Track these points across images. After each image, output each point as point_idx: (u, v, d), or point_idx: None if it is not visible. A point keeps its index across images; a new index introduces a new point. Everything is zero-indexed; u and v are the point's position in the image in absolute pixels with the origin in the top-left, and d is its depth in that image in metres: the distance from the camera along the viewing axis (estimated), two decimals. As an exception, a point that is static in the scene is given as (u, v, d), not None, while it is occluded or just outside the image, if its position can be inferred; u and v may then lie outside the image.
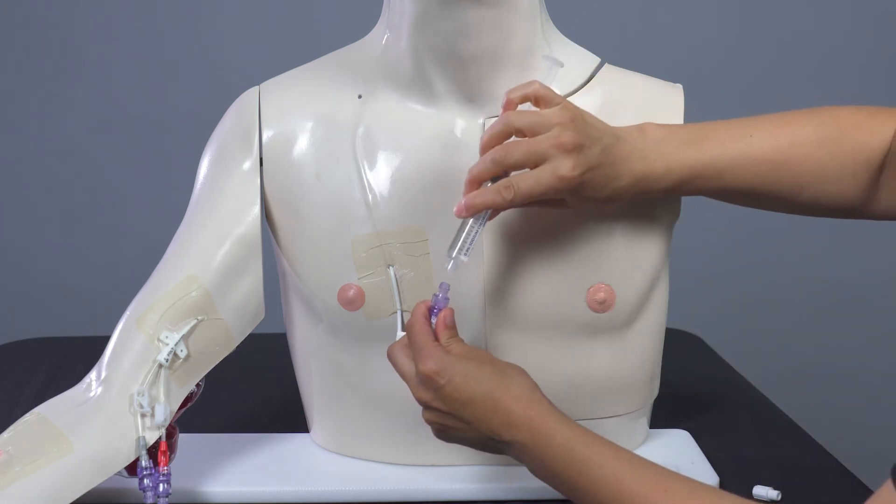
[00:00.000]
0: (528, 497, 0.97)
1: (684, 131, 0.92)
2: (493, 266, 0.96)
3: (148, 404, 0.91)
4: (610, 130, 0.90)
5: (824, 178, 0.91)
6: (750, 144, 0.91)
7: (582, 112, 0.88)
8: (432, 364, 0.84)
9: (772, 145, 0.91)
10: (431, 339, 0.86)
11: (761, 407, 1.23)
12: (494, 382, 0.84)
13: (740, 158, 0.91)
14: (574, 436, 0.81)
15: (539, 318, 0.97)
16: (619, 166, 0.89)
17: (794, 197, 0.93)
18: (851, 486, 0.99)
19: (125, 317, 0.96)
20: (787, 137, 0.91)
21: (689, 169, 0.91)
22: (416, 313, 0.88)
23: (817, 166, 0.91)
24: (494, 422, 0.83)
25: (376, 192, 0.96)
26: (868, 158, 0.90)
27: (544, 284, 0.96)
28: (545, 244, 0.96)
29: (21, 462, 0.88)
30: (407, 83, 0.96)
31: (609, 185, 0.89)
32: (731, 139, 0.91)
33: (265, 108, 0.99)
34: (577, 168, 0.86)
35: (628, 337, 1.00)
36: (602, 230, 0.96)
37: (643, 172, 0.90)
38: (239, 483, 0.98)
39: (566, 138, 0.85)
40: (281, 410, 1.17)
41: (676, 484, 0.77)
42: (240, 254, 0.97)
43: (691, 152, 0.91)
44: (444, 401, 0.84)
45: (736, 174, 0.91)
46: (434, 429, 0.88)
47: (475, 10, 0.90)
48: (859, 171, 0.91)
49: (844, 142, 0.91)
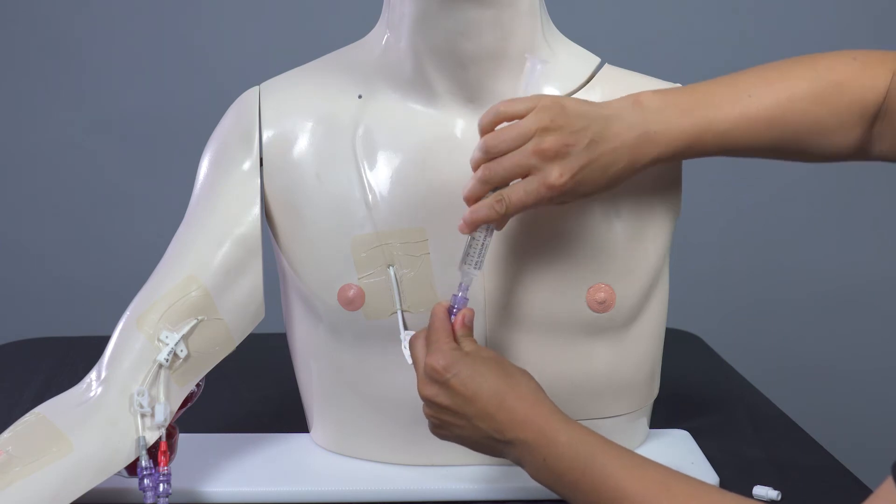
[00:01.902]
0: (528, 497, 0.97)
1: (682, 98, 0.90)
2: (493, 266, 0.96)
3: (148, 404, 0.91)
4: (599, 113, 0.87)
5: (820, 132, 0.90)
6: (748, 105, 0.90)
7: (563, 103, 0.86)
8: (441, 358, 0.85)
9: (770, 102, 0.90)
10: (447, 336, 0.87)
11: (761, 407, 1.23)
12: (500, 381, 0.84)
13: (740, 120, 0.89)
14: (578, 435, 0.82)
15: (539, 318, 0.97)
16: (614, 150, 0.87)
17: (790, 150, 0.92)
18: (851, 486, 0.99)
19: (125, 317, 0.96)
20: (784, 93, 0.90)
21: (689, 136, 0.89)
22: (437, 310, 0.89)
23: (814, 121, 0.90)
24: (498, 419, 0.83)
25: (376, 192, 0.96)
26: (861, 111, 0.90)
27: (544, 284, 0.96)
28: (545, 244, 0.96)
29: (21, 462, 0.88)
30: (407, 83, 0.96)
31: (607, 172, 0.87)
32: (729, 102, 0.90)
33: (265, 108, 0.99)
34: (564, 174, 0.85)
35: (628, 337, 1.00)
36: (602, 230, 0.96)
37: (642, 147, 0.88)
38: (239, 483, 0.98)
39: (547, 144, 0.84)
40: (281, 410, 1.17)
41: (679, 484, 0.78)
42: (240, 254, 0.97)
43: (691, 119, 0.89)
44: (449, 396, 0.84)
45: (736, 135, 0.90)
46: (432, 424, 0.88)
47: (475, 10, 0.91)
48: (854, 123, 0.90)
49: (841, 96, 0.89)
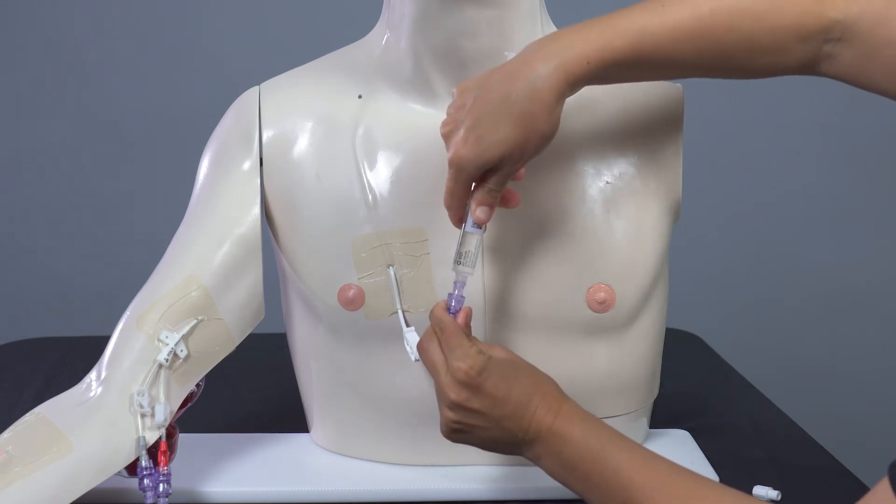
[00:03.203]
0: (528, 497, 0.97)
1: (597, 21, 0.86)
2: (493, 266, 0.96)
3: (148, 404, 0.91)
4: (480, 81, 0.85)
5: (754, 50, 0.86)
6: (664, 14, 0.85)
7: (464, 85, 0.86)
8: (473, 362, 0.84)
9: (689, 14, 0.85)
10: (465, 338, 0.85)
11: (761, 407, 1.23)
12: (528, 380, 0.84)
13: (656, 30, 0.84)
14: (592, 428, 0.83)
15: (539, 318, 0.97)
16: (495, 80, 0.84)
17: (721, 66, 0.87)
18: (851, 486, 0.99)
19: (125, 317, 0.96)
20: (706, 6, 0.85)
21: (606, 54, 0.84)
22: (441, 313, 0.87)
23: (745, 38, 0.85)
24: (525, 418, 0.83)
25: (376, 192, 0.96)
26: (801, 32, 0.84)
27: (544, 284, 0.96)
28: (545, 244, 0.96)
29: (21, 462, 0.88)
30: (407, 83, 0.96)
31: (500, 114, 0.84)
32: (642, 12, 0.85)
33: (265, 108, 0.99)
34: (460, 141, 0.85)
35: (628, 337, 1.00)
36: (602, 230, 0.96)
37: (565, 70, 0.83)
38: (239, 483, 0.98)
39: (443, 130, 0.86)
40: (281, 410, 1.17)
41: (685, 478, 0.79)
42: (240, 254, 0.97)
43: (605, 37, 0.84)
44: (481, 399, 0.84)
45: (654, 48, 0.84)
46: (450, 428, 0.86)
47: (475, 10, 0.91)
48: (793, 45, 0.85)
49: (777, 15, 0.84)
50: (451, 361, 0.84)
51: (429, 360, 0.87)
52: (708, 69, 0.87)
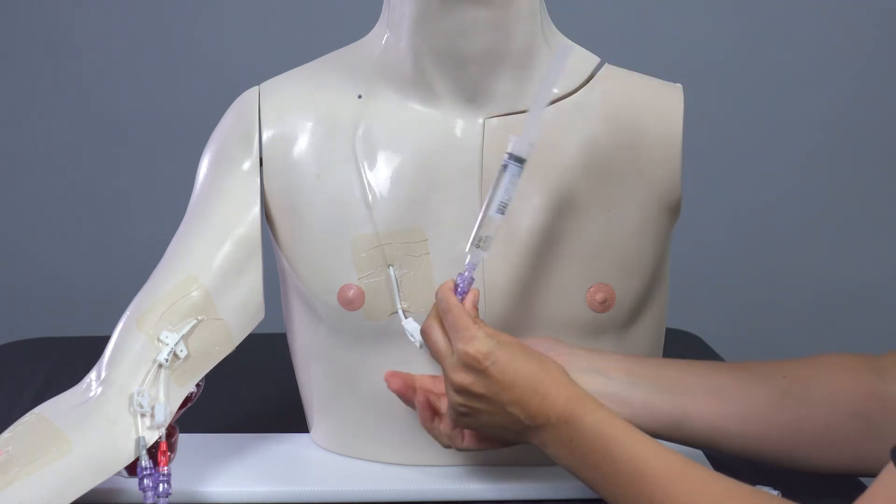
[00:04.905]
0: (529, 497, 0.97)
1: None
2: (493, 266, 0.96)
3: (148, 404, 0.91)
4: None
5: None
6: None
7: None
8: (479, 346, 0.83)
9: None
10: (471, 320, 0.84)
11: (761, 407, 1.23)
12: (535, 366, 0.84)
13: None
14: (604, 417, 0.82)
15: (539, 319, 0.97)
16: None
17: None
18: (851, 486, 0.99)
19: (125, 317, 0.96)
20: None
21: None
22: (447, 294, 0.87)
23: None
24: (532, 405, 0.83)
25: (376, 193, 0.96)
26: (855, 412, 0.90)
27: (544, 284, 0.96)
28: (545, 244, 0.96)
29: (21, 462, 0.88)
30: (407, 83, 0.96)
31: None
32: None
33: (265, 108, 0.99)
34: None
35: (628, 337, 1.00)
36: (602, 230, 0.96)
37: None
38: (239, 483, 0.98)
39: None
40: (281, 410, 1.17)
41: (696, 470, 0.79)
42: (240, 254, 0.97)
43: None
44: (486, 383, 0.83)
45: None
46: (458, 412, 0.86)
47: (475, 10, 0.91)
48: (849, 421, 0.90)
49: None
50: (456, 344, 0.84)
51: (433, 343, 0.87)
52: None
